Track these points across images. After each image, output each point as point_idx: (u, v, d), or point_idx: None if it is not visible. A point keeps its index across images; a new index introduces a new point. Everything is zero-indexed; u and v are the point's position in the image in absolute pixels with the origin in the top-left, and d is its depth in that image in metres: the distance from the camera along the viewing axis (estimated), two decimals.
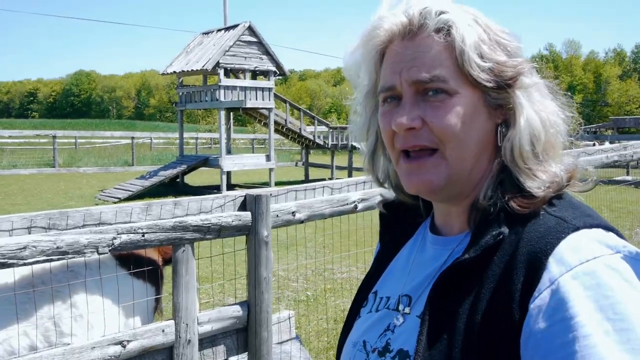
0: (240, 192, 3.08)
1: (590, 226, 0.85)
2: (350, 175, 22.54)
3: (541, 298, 0.79)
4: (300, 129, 22.34)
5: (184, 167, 19.09)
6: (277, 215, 3.12)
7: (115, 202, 15.83)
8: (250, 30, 19.00)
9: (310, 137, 22.82)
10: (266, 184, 19.88)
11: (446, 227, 1.01)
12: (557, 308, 0.77)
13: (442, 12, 0.92)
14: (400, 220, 1.15)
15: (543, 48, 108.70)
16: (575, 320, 0.76)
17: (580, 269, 0.79)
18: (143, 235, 2.64)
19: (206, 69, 18.06)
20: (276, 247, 3.13)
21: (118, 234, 2.56)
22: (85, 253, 2.48)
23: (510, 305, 0.81)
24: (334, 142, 23.10)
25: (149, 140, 36.67)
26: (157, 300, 3.40)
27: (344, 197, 3.47)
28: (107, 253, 2.56)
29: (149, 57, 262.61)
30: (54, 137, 25.38)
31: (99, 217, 2.62)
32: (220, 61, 18.09)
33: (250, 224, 2.99)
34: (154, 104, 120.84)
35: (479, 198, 0.93)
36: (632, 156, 7.07)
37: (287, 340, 3.38)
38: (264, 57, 19.41)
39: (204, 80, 20.13)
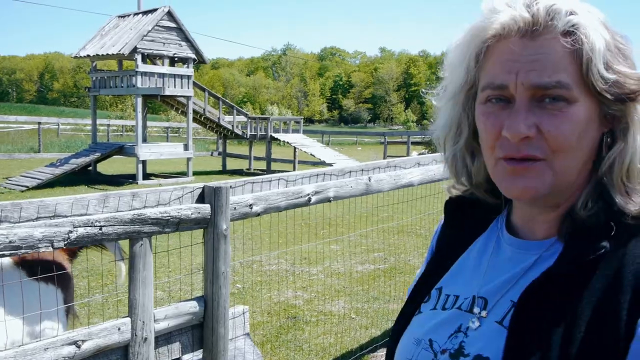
0: (198, 184, 2.96)
1: None
2: (268, 166, 22.44)
3: None
4: (219, 118, 21.99)
5: (97, 154, 18.35)
6: (235, 208, 3.03)
7: (22, 191, 15.04)
8: (170, 15, 18.48)
9: (229, 126, 22.51)
10: (183, 174, 19.46)
11: (527, 230, 0.97)
12: None
13: (571, 13, 0.86)
14: (469, 215, 1.10)
15: None
16: None
17: None
18: (100, 229, 2.49)
19: (123, 54, 17.42)
20: (200, 239, 3.06)
21: (74, 227, 2.40)
22: (39, 247, 2.30)
23: (616, 325, 0.78)
24: (253, 133, 22.90)
25: (56, 126, 34.98)
26: (69, 304, 3.22)
27: (299, 190, 3.41)
28: (62, 247, 2.39)
29: (53, 38, 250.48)
30: None
31: (54, 209, 2.44)
32: (137, 46, 17.49)
33: (209, 216, 2.89)
34: (58, 88, 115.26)
35: (577, 206, 0.89)
36: None
37: (240, 336, 3.30)
38: (184, 43, 18.94)
39: (119, 65, 19.41)
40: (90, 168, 19.19)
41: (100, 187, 16.28)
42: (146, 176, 18.61)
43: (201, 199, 2.95)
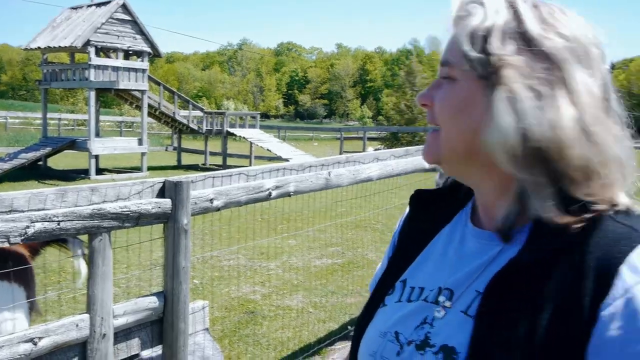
0: (158, 179, 2.93)
1: None
2: (224, 162, 22.28)
3: (615, 306, 0.78)
4: (174, 112, 21.72)
5: (48, 149, 17.94)
6: (196, 203, 3.01)
7: None
8: (124, 8, 18.16)
9: (184, 121, 22.27)
10: (138, 169, 19.18)
11: (489, 220, 0.97)
12: (633, 317, 0.77)
13: (472, 1, 0.92)
14: (434, 208, 1.11)
15: (408, 43, 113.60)
16: None
17: None
18: (59, 224, 2.44)
19: (75, 47, 17.06)
20: (157, 234, 3.08)
21: (32, 222, 2.35)
22: None
23: (578, 311, 0.80)
24: (209, 127, 22.71)
25: (4, 120, 33.98)
26: (31, 301, 3.16)
27: (259, 185, 3.41)
28: (19, 242, 2.35)
29: (0, 30, 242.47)
30: None
31: (10, 204, 2.38)
32: (90, 39, 17.15)
33: (170, 211, 2.87)
34: (6, 81, 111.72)
35: (502, 214, 0.92)
36: None
37: (199, 332, 3.28)
38: (138, 36, 18.64)
39: (71, 58, 18.97)
40: (40, 163, 18.74)
41: (51, 183, 15.92)
42: (99, 171, 18.28)
43: (161, 193, 2.92)
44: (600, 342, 0.78)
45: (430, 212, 1.11)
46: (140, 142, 19.12)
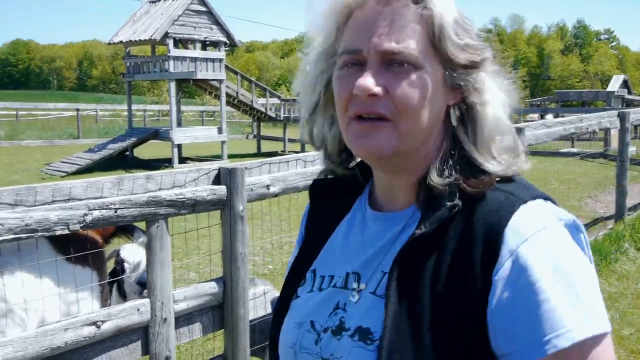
0: (214, 166, 2.97)
1: (534, 198, 0.90)
2: (303, 148, 22.44)
3: (504, 269, 0.83)
4: (252, 101, 22.05)
5: (133, 139, 18.63)
6: (252, 189, 3.03)
7: (62, 177, 15.35)
8: None
9: (262, 109, 22.56)
10: (218, 157, 19.62)
11: (388, 202, 1.01)
12: (519, 276, 0.82)
13: None
14: (333, 197, 1.12)
15: (488, 22, 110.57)
16: (537, 285, 0.81)
17: (535, 238, 0.84)
18: (116, 211, 2.52)
19: (154, 39, 17.57)
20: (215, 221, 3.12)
21: (89, 210, 2.43)
22: (55, 230, 2.35)
23: (472, 278, 0.85)
24: (286, 115, 22.91)
25: (95, 112, 35.61)
26: (102, 285, 3.29)
27: (317, 170, 3.39)
28: (78, 230, 2.43)
29: (90, 26, 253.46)
30: None
31: (68, 193, 2.48)
32: (169, 31, 17.62)
33: (225, 198, 2.90)
34: (97, 75, 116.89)
35: (431, 176, 0.93)
36: (587, 128, 7.24)
37: (263, 317, 3.31)
38: (214, 27, 18.99)
39: (152, 50, 19.58)
40: (127, 153, 19.49)
41: (137, 172, 16.52)
42: (182, 160, 18.83)
43: (217, 180, 2.96)
44: (495, 306, 0.83)
45: (330, 201, 1.13)
46: (219, 131, 19.53)
